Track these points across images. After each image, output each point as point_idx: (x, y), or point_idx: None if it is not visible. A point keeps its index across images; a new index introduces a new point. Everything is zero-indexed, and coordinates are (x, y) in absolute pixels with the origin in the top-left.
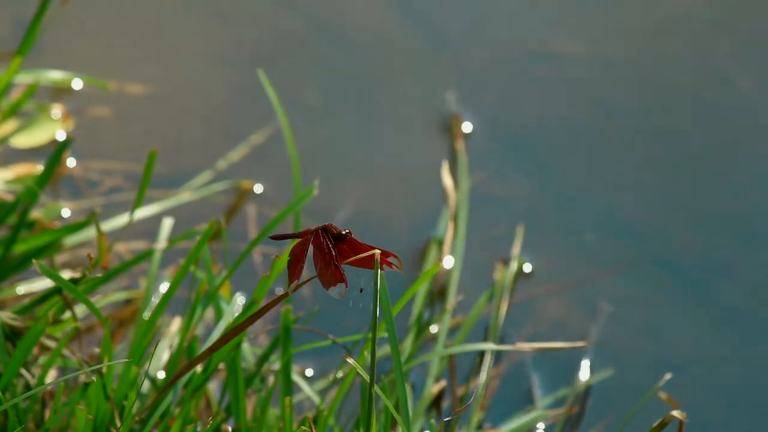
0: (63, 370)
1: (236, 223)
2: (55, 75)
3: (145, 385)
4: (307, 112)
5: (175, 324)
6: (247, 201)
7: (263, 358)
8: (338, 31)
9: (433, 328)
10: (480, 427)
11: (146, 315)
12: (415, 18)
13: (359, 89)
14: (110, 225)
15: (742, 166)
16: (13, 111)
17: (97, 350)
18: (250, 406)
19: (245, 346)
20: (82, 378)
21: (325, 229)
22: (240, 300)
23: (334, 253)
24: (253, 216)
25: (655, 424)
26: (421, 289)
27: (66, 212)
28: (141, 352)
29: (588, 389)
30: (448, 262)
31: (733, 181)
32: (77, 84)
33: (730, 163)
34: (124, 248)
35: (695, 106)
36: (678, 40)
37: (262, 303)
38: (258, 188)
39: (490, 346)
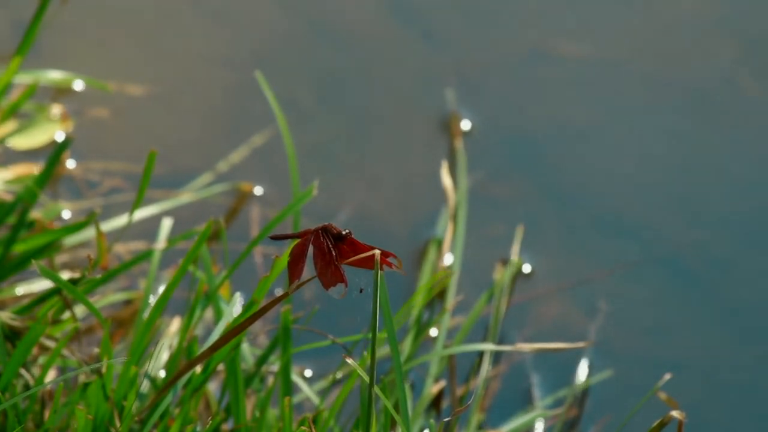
0: (62, 370)
1: (236, 225)
2: (55, 75)
3: (145, 385)
4: (305, 112)
5: (175, 324)
6: (247, 202)
7: (263, 359)
8: (337, 32)
9: (433, 329)
10: (480, 427)
11: (145, 315)
12: (413, 17)
13: (358, 89)
14: (110, 225)
15: (744, 167)
16: (13, 111)
17: (96, 350)
18: (249, 406)
19: (245, 347)
20: (82, 378)
21: (325, 229)
22: (240, 300)
23: (334, 253)
24: (256, 217)
25: (655, 424)
26: (421, 290)
27: (66, 213)
28: (140, 353)
29: (588, 389)
30: (448, 261)
31: (734, 181)
32: (77, 84)
33: (732, 163)
34: (123, 249)
35: (698, 106)
36: (682, 40)
37: (262, 303)
38: (258, 190)
39: (489, 346)
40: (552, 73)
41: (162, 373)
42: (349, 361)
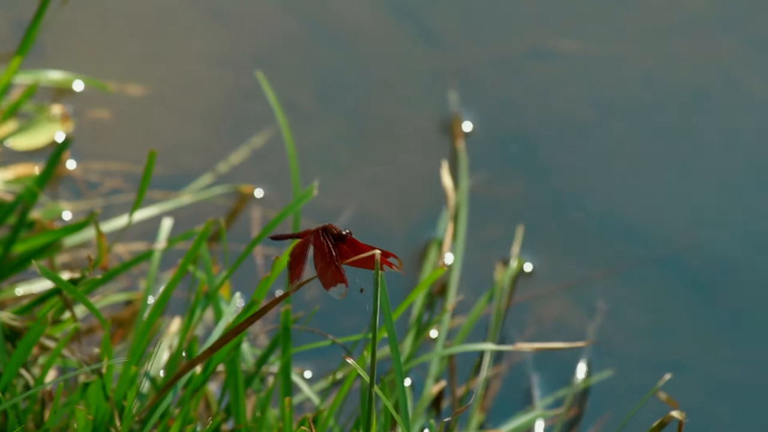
0: (63, 371)
1: (237, 226)
2: (55, 75)
3: (145, 386)
4: (305, 112)
5: (175, 324)
6: (247, 204)
7: (263, 359)
8: (337, 32)
9: (433, 329)
10: (480, 427)
11: (146, 316)
12: (414, 18)
13: (358, 89)
14: (110, 226)
15: (744, 166)
16: (13, 112)
17: (96, 351)
18: (249, 406)
19: (245, 347)
20: (82, 378)
21: (326, 230)
22: (240, 300)
23: (334, 254)
24: (257, 218)
25: (655, 424)
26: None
27: (66, 213)
28: (140, 353)
29: (588, 389)
30: (448, 262)
31: (734, 181)
32: (77, 85)
33: (733, 162)
34: (123, 249)
35: (700, 105)
36: (682, 38)
37: (262, 303)
38: (258, 191)
39: (489, 346)
40: (552, 73)
41: (162, 374)
42: (350, 361)
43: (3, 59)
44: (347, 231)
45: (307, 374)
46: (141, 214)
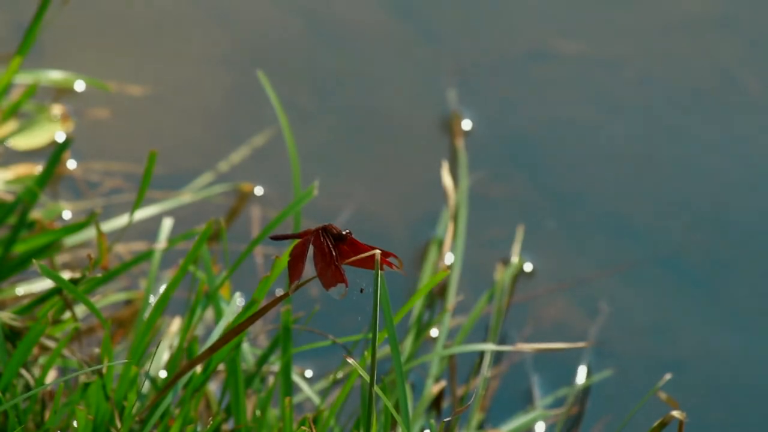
0: (63, 371)
1: (237, 225)
2: (55, 75)
3: (145, 386)
4: (305, 112)
5: (175, 324)
6: (247, 203)
7: (263, 359)
8: (337, 32)
9: (433, 329)
10: (480, 427)
11: (146, 315)
12: (413, 18)
13: (358, 89)
14: (110, 225)
15: (744, 167)
16: (13, 112)
17: (97, 350)
18: (250, 406)
19: (245, 347)
20: (82, 378)
21: (326, 230)
22: (240, 300)
23: (334, 254)
24: (257, 217)
25: (655, 424)
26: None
27: (66, 213)
28: (141, 353)
29: (588, 389)
30: (448, 261)
31: (734, 181)
32: (77, 85)
33: (733, 163)
34: (124, 249)
35: (698, 106)
36: (683, 39)
37: (262, 303)
38: (259, 190)
39: (490, 346)
40: (552, 73)
41: (162, 374)
42: (350, 361)
43: (3, 59)
44: (347, 231)
45: (308, 374)
46: (141, 214)
